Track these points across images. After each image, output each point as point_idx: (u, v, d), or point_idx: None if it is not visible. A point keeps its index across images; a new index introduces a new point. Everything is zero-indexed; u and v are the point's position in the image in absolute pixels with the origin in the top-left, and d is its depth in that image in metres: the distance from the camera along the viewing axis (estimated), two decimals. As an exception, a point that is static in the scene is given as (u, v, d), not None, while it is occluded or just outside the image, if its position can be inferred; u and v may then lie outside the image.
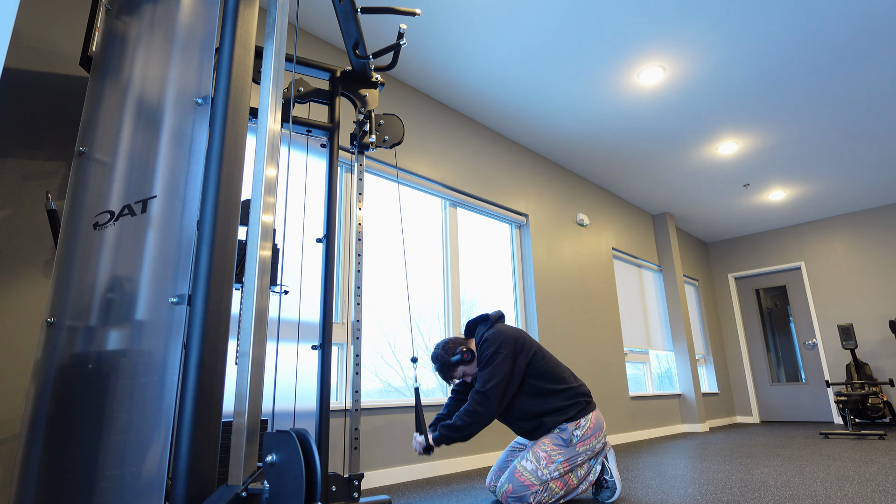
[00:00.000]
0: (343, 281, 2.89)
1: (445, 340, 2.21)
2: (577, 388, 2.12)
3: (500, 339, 2.08)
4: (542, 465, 1.95)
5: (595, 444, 2.04)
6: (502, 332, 2.11)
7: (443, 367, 2.16)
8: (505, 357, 2.03)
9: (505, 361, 2.03)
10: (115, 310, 1.20)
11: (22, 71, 1.89)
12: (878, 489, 2.18)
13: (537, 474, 1.94)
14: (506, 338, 2.08)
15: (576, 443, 2.00)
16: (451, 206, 3.77)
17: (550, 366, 2.12)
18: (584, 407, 2.08)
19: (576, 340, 4.45)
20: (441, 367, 2.17)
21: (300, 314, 2.49)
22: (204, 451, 1.02)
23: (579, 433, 2.01)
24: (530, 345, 2.13)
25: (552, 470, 1.95)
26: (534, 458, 1.97)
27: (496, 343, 2.07)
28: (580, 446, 2.00)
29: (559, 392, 2.07)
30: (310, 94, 2.21)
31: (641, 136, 4.42)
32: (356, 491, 1.93)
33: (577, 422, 2.03)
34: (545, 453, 1.97)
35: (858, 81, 3.71)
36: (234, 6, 1.30)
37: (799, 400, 6.54)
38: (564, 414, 2.04)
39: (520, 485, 1.94)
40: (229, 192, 1.18)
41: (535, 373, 2.09)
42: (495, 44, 3.21)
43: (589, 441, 2.03)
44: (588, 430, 2.03)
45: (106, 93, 1.48)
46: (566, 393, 2.08)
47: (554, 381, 2.09)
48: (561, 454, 1.98)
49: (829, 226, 6.59)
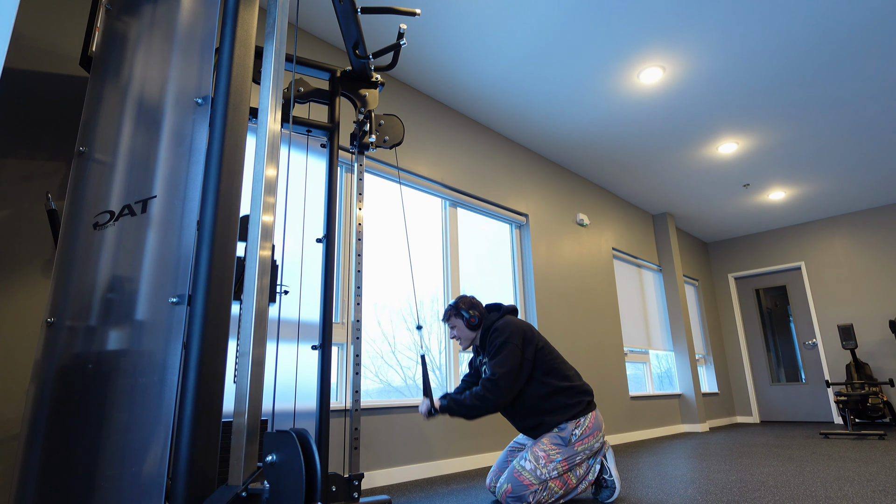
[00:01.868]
0: (343, 281, 2.89)
1: (472, 297, 2.31)
2: (581, 386, 2.13)
3: (510, 329, 2.11)
4: (541, 465, 1.95)
5: (593, 444, 2.05)
6: (512, 322, 2.15)
7: (455, 308, 2.26)
8: (515, 347, 2.07)
9: (515, 351, 2.06)
10: (116, 310, 1.20)
11: (22, 71, 1.89)
12: (878, 489, 2.18)
13: (536, 474, 1.95)
14: (515, 328, 2.12)
15: (574, 442, 2.01)
16: (451, 206, 3.77)
17: (557, 362, 2.14)
18: (585, 406, 2.08)
19: (576, 340, 4.45)
20: (454, 307, 2.27)
21: (300, 314, 2.48)
22: (204, 451, 1.02)
23: (578, 432, 2.02)
24: (538, 338, 2.16)
25: (551, 469, 1.96)
26: (532, 458, 1.97)
27: (506, 332, 2.10)
28: (578, 445, 2.01)
29: (564, 390, 2.08)
30: (310, 94, 2.21)
31: (641, 135, 4.42)
32: (356, 491, 1.93)
33: (578, 420, 2.04)
34: (544, 453, 1.98)
35: (858, 81, 3.71)
36: (234, 6, 1.30)
37: (799, 400, 6.54)
38: (567, 413, 2.04)
39: (519, 484, 1.94)
40: (229, 192, 1.18)
41: (542, 367, 2.10)
42: (495, 44, 3.21)
43: (587, 440, 2.03)
44: (587, 430, 2.04)
45: (106, 93, 1.48)
46: (570, 391, 2.09)
47: (560, 378, 2.11)
48: (560, 453, 1.99)
49: (829, 226, 6.59)
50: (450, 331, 2.32)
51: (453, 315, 2.29)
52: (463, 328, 2.26)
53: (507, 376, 2.02)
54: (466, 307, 2.26)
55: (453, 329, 2.29)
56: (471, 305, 2.27)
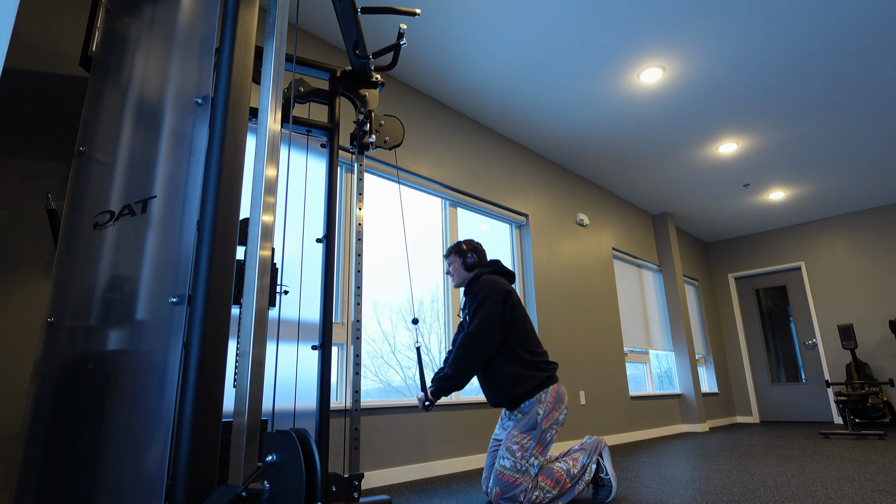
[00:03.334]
0: (343, 281, 2.89)
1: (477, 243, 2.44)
2: (545, 361, 2.18)
3: (493, 285, 2.21)
4: (518, 457, 1.99)
5: (558, 417, 2.09)
6: (496, 281, 2.24)
7: (457, 247, 2.40)
8: (495, 303, 2.15)
9: (495, 307, 2.14)
10: (116, 310, 1.20)
11: (22, 71, 1.89)
12: (878, 489, 2.18)
13: (517, 467, 1.97)
14: (499, 286, 2.22)
15: (541, 421, 2.05)
16: (451, 206, 3.77)
17: (528, 335, 2.19)
18: (545, 380, 2.12)
19: (576, 340, 4.45)
20: (457, 245, 2.41)
21: (300, 314, 2.48)
22: (204, 451, 1.02)
23: (542, 410, 2.06)
24: (518, 306, 2.24)
25: (528, 456, 1.99)
26: (509, 454, 2.00)
27: (488, 288, 2.19)
28: (545, 423, 2.06)
29: (529, 363, 2.14)
30: (310, 94, 2.21)
31: (641, 135, 4.42)
32: (356, 491, 1.93)
33: (539, 397, 2.08)
34: (517, 445, 2.01)
35: (858, 81, 3.71)
36: (234, 6, 1.30)
37: (799, 400, 6.54)
38: (528, 383, 2.09)
39: (506, 485, 1.95)
40: (229, 192, 1.18)
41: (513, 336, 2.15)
42: (495, 44, 3.21)
43: (552, 415, 2.08)
44: (549, 405, 2.08)
45: (106, 93, 1.48)
46: (534, 365, 2.14)
47: (527, 352, 2.16)
48: (531, 439, 2.02)
49: (829, 226, 6.59)
50: (447, 266, 2.44)
51: (454, 252, 2.41)
52: (459, 267, 2.38)
53: (485, 328, 2.09)
54: (468, 249, 2.38)
55: (451, 266, 2.41)
56: (472, 249, 2.39)
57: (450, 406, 3.20)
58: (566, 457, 2.14)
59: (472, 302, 2.20)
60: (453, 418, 3.20)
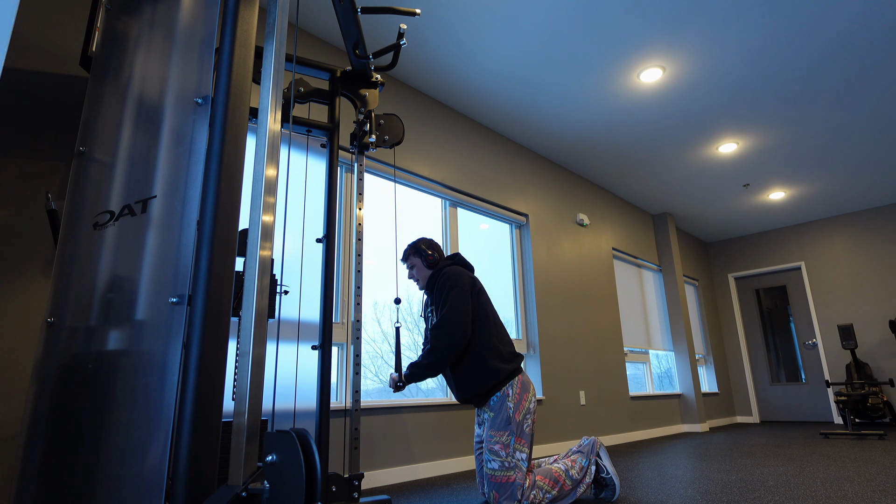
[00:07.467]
0: (343, 281, 2.89)
1: (431, 240, 2.41)
2: (511, 352, 2.18)
3: (458, 274, 2.20)
4: (504, 456, 1.98)
5: (529, 406, 2.09)
6: (459, 270, 2.23)
7: (415, 248, 2.34)
8: (462, 290, 2.14)
9: (463, 294, 2.14)
10: (116, 310, 1.20)
11: (22, 71, 1.89)
12: (878, 489, 2.18)
13: (505, 465, 1.97)
14: (462, 274, 2.21)
15: (513, 414, 2.05)
16: (451, 206, 3.77)
17: (493, 326, 2.18)
18: (512, 373, 2.12)
19: (576, 340, 4.45)
20: (414, 245, 2.35)
21: (300, 314, 2.48)
22: (204, 451, 1.02)
23: (511, 404, 2.06)
24: (481, 287, 2.25)
25: (512, 452, 1.99)
26: (494, 456, 2.00)
27: (454, 277, 2.18)
28: (518, 415, 2.05)
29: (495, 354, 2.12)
30: (310, 94, 2.21)
31: (641, 135, 4.42)
32: (356, 491, 1.93)
33: (506, 391, 2.08)
34: (499, 444, 2.01)
35: (858, 81, 3.71)
36: (234, 6, 1.30)
37: (799, 400, 6.54)
38: (497, 377, 2.08)
39: (500, 485, 1.95)
40: (229, 192, 1.18)
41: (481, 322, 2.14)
42: (495, 44, 3.21)
43: (522, 405, 2.07)
44: (517, 396, 2.08)
45: (106, 93, 1.48)
46: (504, 357, 2.13)
47: (500, 341, 2.15)
48: (509, 434, 2.02)
49: (829, 226, 6.59)
50: (408, 271, 2.38)
51: (412, 254, 2.34)
52: (421, 267, 2.33)
53: (455, 318, 2.08)
54: (426, 247, 2.34)
55: (412, 269, 2.35)
56: (430, 246, 2.35)
57: (450, 406, 3.20)
58: (564, 458, 2.14)
59: (440, 294, 2.17)
60: (454, 418, 3.20)
